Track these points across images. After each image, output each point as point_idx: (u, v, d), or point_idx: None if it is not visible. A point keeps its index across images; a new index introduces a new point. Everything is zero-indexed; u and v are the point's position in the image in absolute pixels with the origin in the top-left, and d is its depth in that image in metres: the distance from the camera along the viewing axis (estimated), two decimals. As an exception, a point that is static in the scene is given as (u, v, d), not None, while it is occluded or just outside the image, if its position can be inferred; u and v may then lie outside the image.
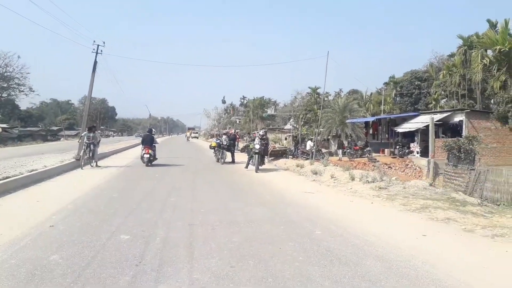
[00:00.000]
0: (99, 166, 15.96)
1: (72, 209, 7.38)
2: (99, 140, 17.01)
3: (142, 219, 6.53)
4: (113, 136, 75.60)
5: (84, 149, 15.61)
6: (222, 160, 18.97)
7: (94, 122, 78.02)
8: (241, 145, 31.60)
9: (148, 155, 16.39)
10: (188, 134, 78.48)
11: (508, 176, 14.44)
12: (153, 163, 16.78)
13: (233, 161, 19.52)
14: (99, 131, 18.13)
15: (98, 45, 20.02)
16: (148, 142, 16.80)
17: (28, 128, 65.05)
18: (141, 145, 17.49)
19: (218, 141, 19.99)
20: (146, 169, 15.68)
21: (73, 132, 70.19)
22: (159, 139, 30.94)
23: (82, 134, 16.53)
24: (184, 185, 11.37)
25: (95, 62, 19.72)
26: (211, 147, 21.42)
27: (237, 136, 26.12)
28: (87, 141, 15.65)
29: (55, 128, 72.03)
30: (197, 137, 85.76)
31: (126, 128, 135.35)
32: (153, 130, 19.60)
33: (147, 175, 13.73)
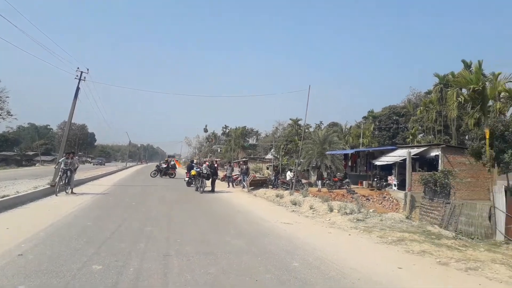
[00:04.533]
0: (75, 193, 15.56)
1: (43, 237, 7.14)
2: (77, 166, 16.68)
3: (115, 249, 6.36)
4: (92, 163, 72.37)
5: (60, 175, 15.28)
6: (202, 189, 18.76)
7: (72, 148, 76.63)
8: (221, 174, 31.45)
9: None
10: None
11: (481, 210, 14.78)
12: (130, 191, 16.51)
13: (212, 190, 19.39)
14: (77, 157, 17.80)
15: (81, 72, 19.99)
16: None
17: (3, 153, 63.31)
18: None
19: (198, 169, 19.82)
20: (122, 198, 15.40)
21: (49, 158, 68.60)
22: (135, 167, 30.67)
23: (60, 160, 16.20)
24: (161, 214, 11.16)
25: (78, 89, 19.65)
26: (191, 175, 21.27)
27: (216, 165, 26.04)
28: (64, 167, 15.34)
29: (31, 153, 70.34)
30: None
31: (105, 154, 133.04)
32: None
33: (123, 204, 13.44)
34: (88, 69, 20.41)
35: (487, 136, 17.51)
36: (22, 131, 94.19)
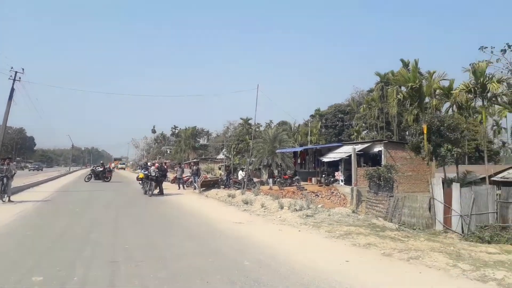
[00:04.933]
0: (12, 201, 14.53)
1: (-25, 250, 6.62)
2: (14, 173, 15.59)
3: (58, 258, 6.03)
4: (30, 169, 65.77)
5: (-5, 182, 14.22)
6: (150, 192, 18.28)
7: (9, 153, 71.62)
8: (171, 176, 30.86)
9: None
10: (113, 165, 76.45)
11: (422, 202, 15.63)
12: (74, 197, 15.73)
13: (161, 193, 18.98)
14: (14, 162, 16.60)
15: (16, 72, 18.77)
16: None
17: None
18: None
19: (146, 172, 19.25)
20: (65, 204, 14.62)
21: (-17, 164, 63.65)
22: (79, 172, 29.28)
23: (-6, 166, 15.06)
24: (107, 220, 10.72)
25: (12, 89, 18.48)
26: (138, 178, 20.67)
27: (166, 167, 25.53)
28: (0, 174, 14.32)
29: (-39, 159, 64.99)
30: (124, 168, 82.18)
31: (46, 159, 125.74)
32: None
33: (67, 211, 12.75)
34: (23, 69, 19.22)
35: (425, 131, 18.58)
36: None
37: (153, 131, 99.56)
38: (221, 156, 59.19)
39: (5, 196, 14.54)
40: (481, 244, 9.75)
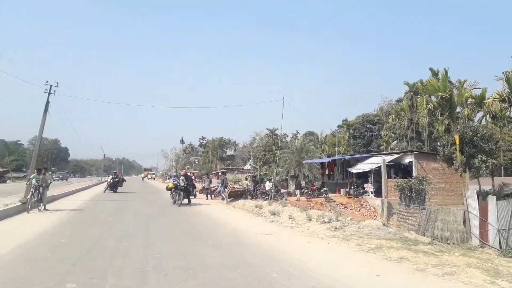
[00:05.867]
0: (48, 210, 15.09)
1: (12, 257, 6.88)
2: (50, 182, 16.23)
3: (91, 267, 6.18)
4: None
5: (32, 192, 14.80)
6: (179, 202, 18.47)
7: (45, 163, 74.43)
8: (199, 186, 31.18)
9: None
10: (143, 175, 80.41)
11: (456, 215, 15.10)
12: (105, 206, 16.15)
13: (189, 202, 19.17)
14: (49, 172, 17.28)
15: (51, 85, 19.56)
16: None
17: (-29, 170, 60.89)
18: None
19: (176, 182, 19.52)
20: (97, 213, 15.04)
21: (21, 174, 66.21)
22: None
23: (31, 176, 15.71)
24: (138, 230, 10.91)
25: (47, 102, 19.20)
26: (167, 188, 20.96)
27: (193, 177, 25.82)
28: (36, 184, 14.90)
29: (1, 169, 67.86)
30: (154, 178, 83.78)
31: (79, 169, 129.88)
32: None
33: (99, 219, 13.11)
34: (57, 83, 20.00)
35: (457, 142, 18.03)
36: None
37: (182, 142, 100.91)
38: (247, 166, 59.41)
39: (41, 204, 15.12)
40: (520, 260, 9.29)
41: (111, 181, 29.09)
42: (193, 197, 22.65)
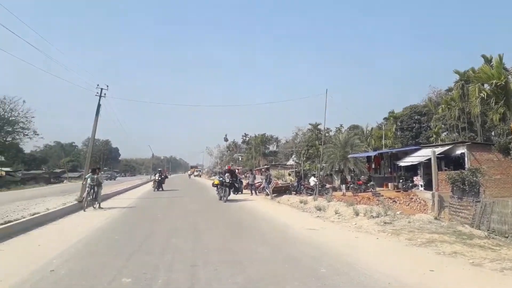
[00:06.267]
0: (102, 208, 15.89)
1: (73, 252, 7.30)
2: (103, 181, 17.07)
3: (143, 262, 6.44)
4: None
5: (88, 191, 15.66)
6: (225, 198, 18.78)
7: (97, 163, 78.24)
8: (244, 182, 31.49)
9: None
10: (189, 172, 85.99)
11: (514, 207, 14.25)
12: (155, 203, 16.75)
13: (232, 194, 19.52)
14: (102, 172, 18.19)
15: (101, 89, 20.50)
16: None
17: (32, 171, 65.07)
18: None
19: (221, 178, 19.84)
20: (148, 210, 15.70)
21: (76, 174, 70.06)
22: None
23: (86, 176, 16.62)
24: (186, 225, 11.23)
25: (99, 105, 20.17)
26: (213, 185, 21.36)
27: (238, 173, 26.12)
28: (90, 183, 15.73)
29: (58, 170, 72.13)
30: (200, 175, 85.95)
31: (129, 168, 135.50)
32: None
33: (149, 216, 13.66)
34: (107, 86, 20.91)
35: (515, 131, 16.99)
36: (49, 150, 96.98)
37: (225, 139, 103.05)
38: (290, 162, 59.20)
39: (96, 203, 15.91)
40: None
41: (159, 178, 29.66)
42: (240, 192, 23.01)
